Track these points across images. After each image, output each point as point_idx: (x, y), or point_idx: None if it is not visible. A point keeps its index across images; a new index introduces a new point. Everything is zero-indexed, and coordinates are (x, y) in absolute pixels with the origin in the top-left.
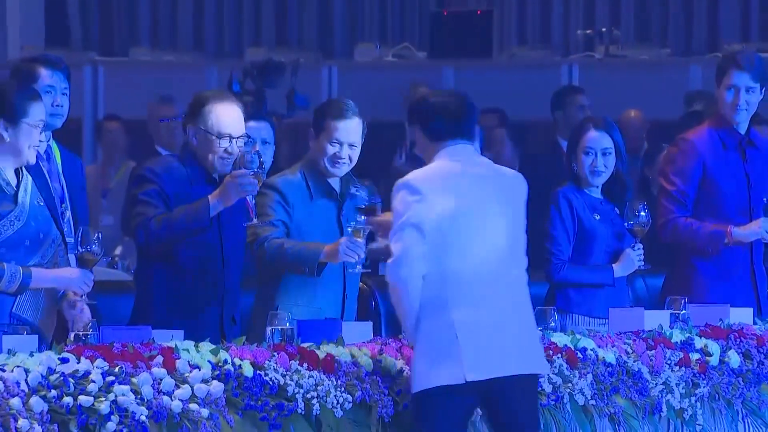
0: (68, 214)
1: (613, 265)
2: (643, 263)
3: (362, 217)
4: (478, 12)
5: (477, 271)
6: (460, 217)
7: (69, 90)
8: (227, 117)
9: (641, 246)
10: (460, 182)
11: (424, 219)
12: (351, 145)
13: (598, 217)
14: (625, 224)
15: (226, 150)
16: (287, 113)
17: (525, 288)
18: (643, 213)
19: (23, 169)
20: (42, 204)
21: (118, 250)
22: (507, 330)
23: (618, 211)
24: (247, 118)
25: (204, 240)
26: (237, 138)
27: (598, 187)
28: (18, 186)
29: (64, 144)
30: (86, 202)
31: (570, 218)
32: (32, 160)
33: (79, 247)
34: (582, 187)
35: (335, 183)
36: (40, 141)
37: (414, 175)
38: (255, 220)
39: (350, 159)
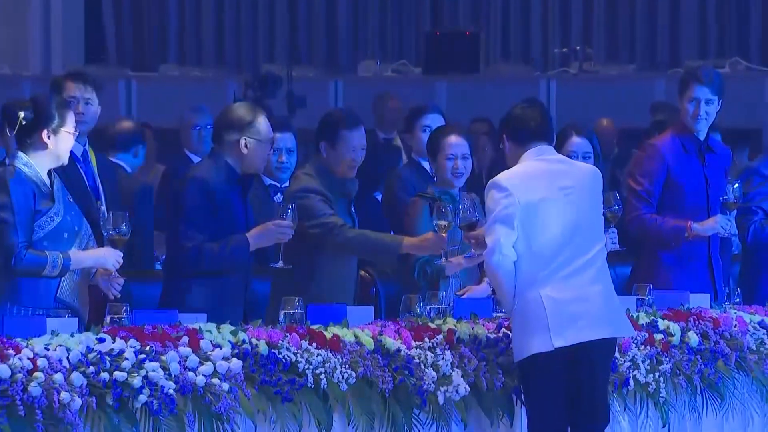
0: (103, 208)
1: None
2: (618, 245)
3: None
4: (467, 33)
5: (561, 252)
6: (543, 206)
7: (94, 100)
8: (269, 126)
9: (615, 230)
10: (542, 177)
11: (511, 212)
12: (362, 149)
13: None
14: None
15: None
16: (288, 113)
17: (604, 261)
18: (615, 203)
19: (52, 170)
20: (71, 200)
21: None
22: (589, 301)
23: None
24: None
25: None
26: None
27: None
28: (51, 185)
29: (102, 149)
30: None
31: None
32: (66, 162)
33: (111, 230)
34: None
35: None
36: (77, 144)
37: (501, 175)
38: (281, 263)
39: (360, 160)
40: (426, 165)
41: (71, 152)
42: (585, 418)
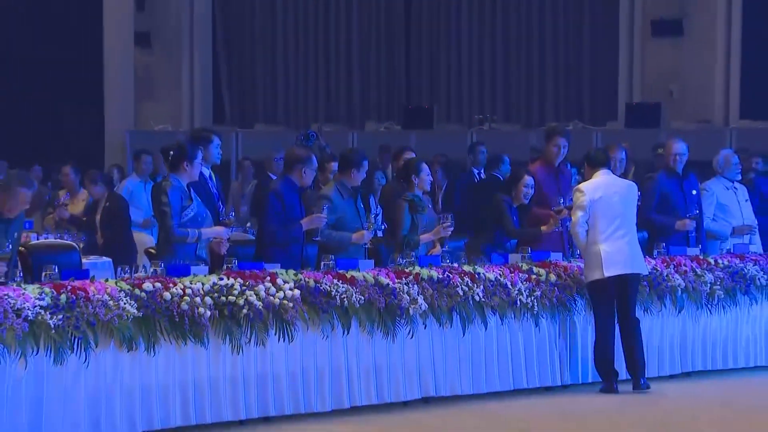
0: (220, 205)
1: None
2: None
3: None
4: (426, 106)
5: (609, 226)
6: (602, 202)
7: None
8: (315, 160)
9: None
10: (602, 186)
11: (585, 204)
12: (366, 172)
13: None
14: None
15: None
16: (320, 154)
17: (635, 236)
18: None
19: (189, 183)
20: (199, 200)
21: (249, 224)
22: (627, 254)
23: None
24: (331, 160)
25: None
26: None
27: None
28: (189, 192)
29: (222, 172)
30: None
31: (511, 213)
32: (196, 179)
33: (224, 217)
34: (514, 202)
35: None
36: (206, 169)
37: (582, 184)
38: (319, 238)
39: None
40: None
41: (202, 173)
42: (626, 321)
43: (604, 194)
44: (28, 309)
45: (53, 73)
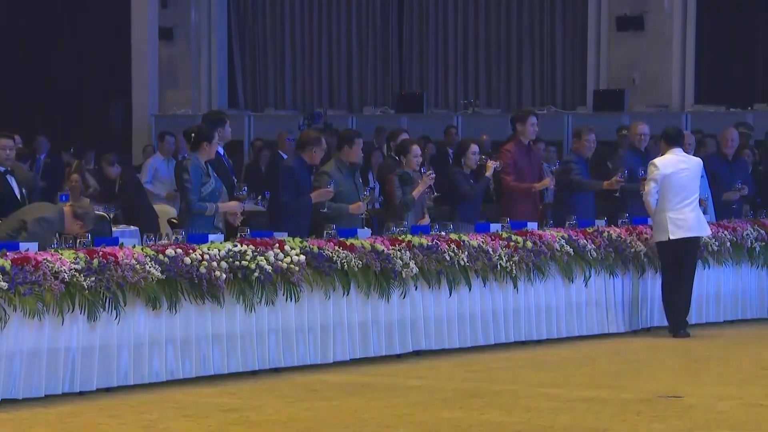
0: (235, 180)
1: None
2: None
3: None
4: (417, 93)
5: (676, 196)
6: (671, 176)
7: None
8: (324, 143)
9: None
10: (673, 162)
11: (657, 177)
12: (362, 148)
13: (471, 181)
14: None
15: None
16: (324, 131)
17: (698, 204)
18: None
19: (207, 161)
20: (216, 176)
21: (260, 197)
22: (690, 220)
23: (474, 180)
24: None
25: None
26: None
27: (472, 170)
28: (208, 169)
29: (237, 153)
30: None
31: (465, 179)
32: (213, 157)
33: (237, 192)
34: (464, 170)
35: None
36: (220, 147)
37: (657, 159)
38: (326, 210)
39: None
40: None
41: (218, 151)
42: (686, 281)
43: (675, 170)
44: (65, 272)
45: (87, 65)
